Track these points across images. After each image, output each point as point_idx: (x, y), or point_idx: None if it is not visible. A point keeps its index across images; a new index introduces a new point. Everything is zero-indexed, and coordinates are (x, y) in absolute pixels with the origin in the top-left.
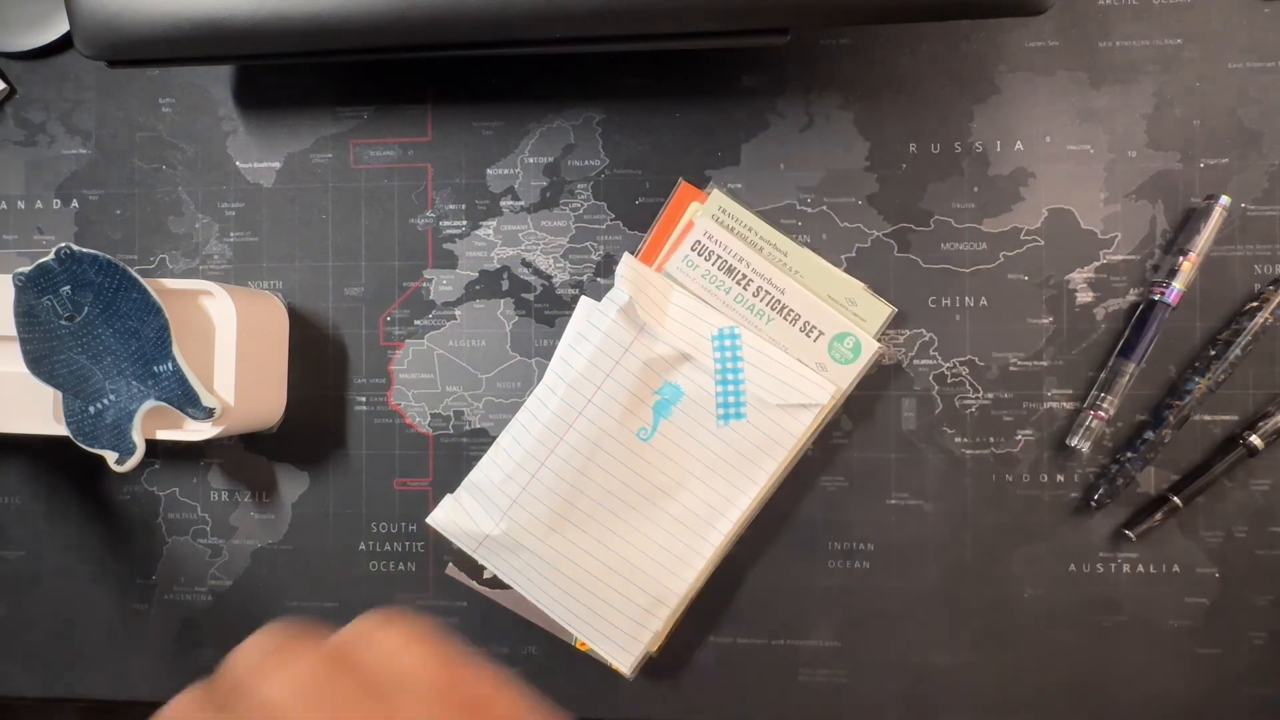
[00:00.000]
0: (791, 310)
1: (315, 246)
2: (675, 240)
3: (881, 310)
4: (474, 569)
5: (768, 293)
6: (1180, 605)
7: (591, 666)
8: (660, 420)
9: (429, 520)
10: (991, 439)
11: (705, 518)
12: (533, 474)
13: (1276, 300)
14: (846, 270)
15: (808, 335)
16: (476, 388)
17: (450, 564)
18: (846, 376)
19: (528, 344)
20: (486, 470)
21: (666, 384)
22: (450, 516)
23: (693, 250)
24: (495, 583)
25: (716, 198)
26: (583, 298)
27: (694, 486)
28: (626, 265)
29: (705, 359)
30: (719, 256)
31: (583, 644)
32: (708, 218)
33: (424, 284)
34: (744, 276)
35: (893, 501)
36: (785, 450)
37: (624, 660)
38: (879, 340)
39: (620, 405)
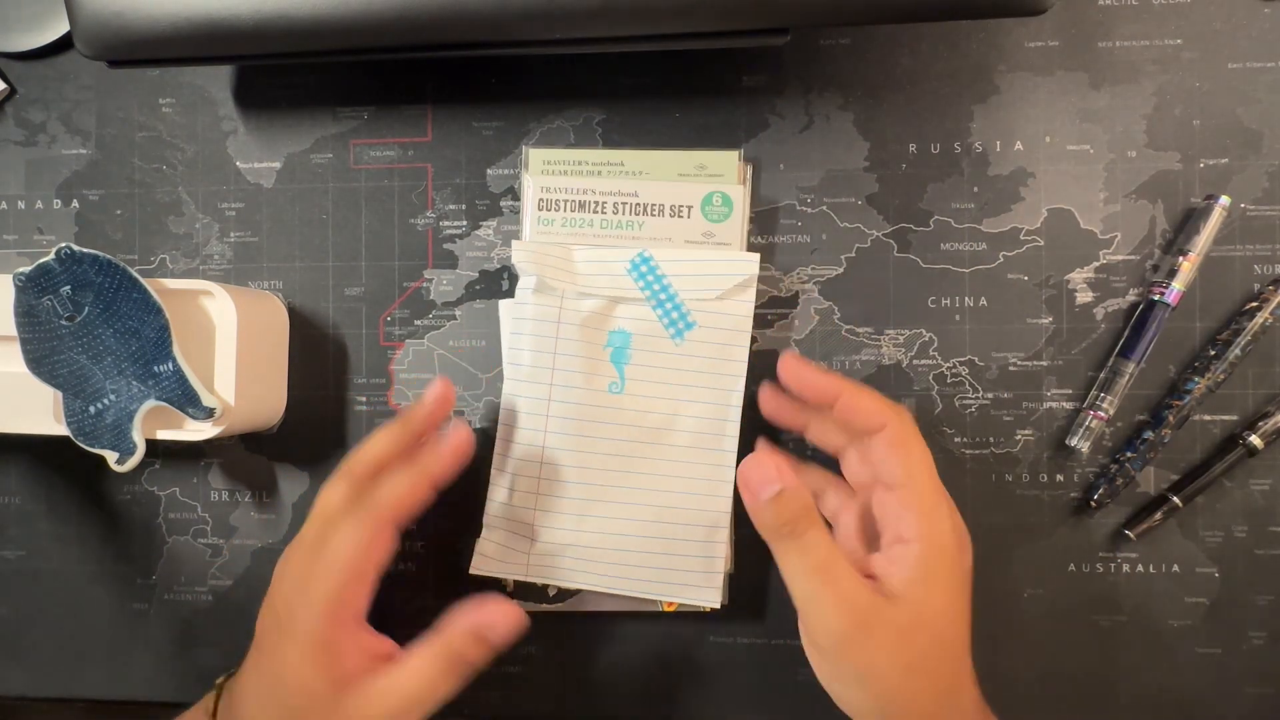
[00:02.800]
0: (653, 205)
1: (315, 246)
2: (525, 213)
3: (729, 156)
4: (538, 594)
5: (624, 203)
6: (1180, 605)
7: (590, 665)
8: (623, 367)
9: (472, 571)
10: (991, 439)
11: (713, 430)
12: (537, 477)
13: (1276, 300)
14: (845, 270)
15: (680, 216)
16: (476, 388)
17: (518, 602)
18: (735, 231)
19: None
20: (496, 498)
21: (611, 334)
22: (489, 559)
23: (539, 209)
24: (561, 595)
25: (533, 155)
26: (500, 302)
27: (686, 409)
28: (518, 250)
29: (633, 293)
30: (565, 201)
31: (669, 605)
32: (537, 175)
33: (424, 284)
34: (597, 204)
35: None
36: (748, 333)
37: (712, 596)
38: (742, 183)
39: (580, 374)
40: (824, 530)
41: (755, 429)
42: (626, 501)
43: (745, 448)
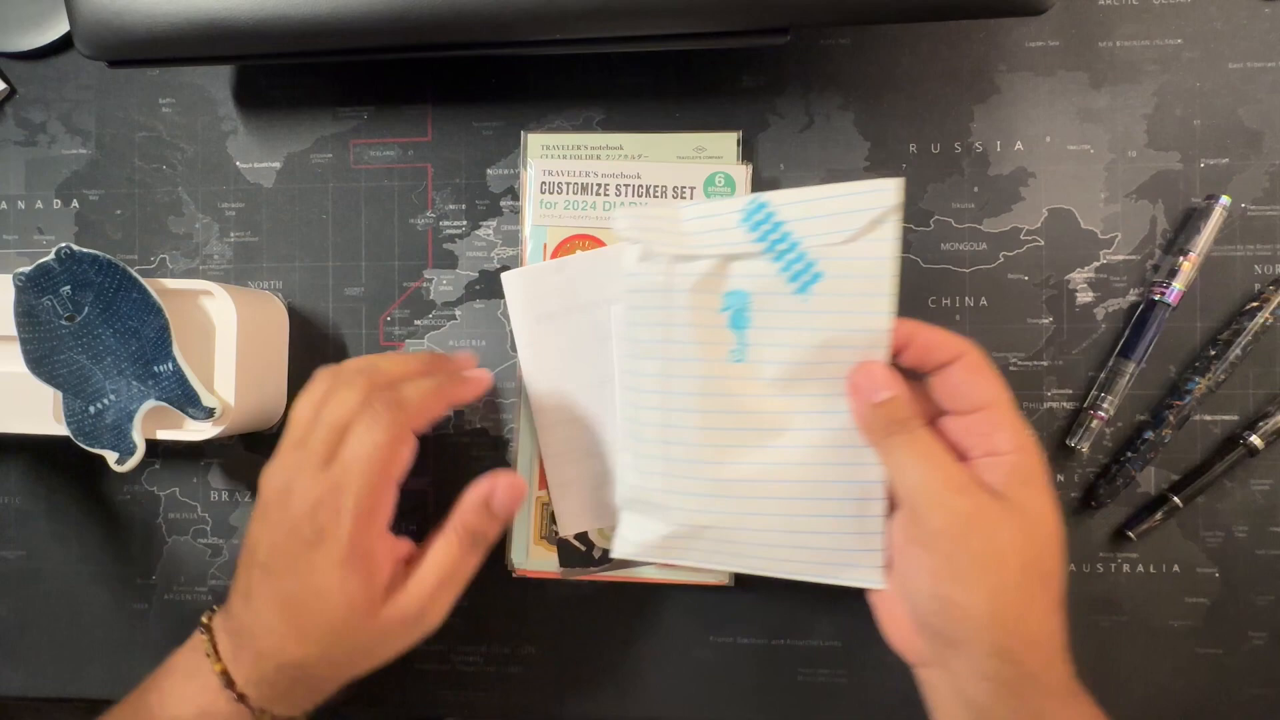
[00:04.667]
0: (656, 187)
1: (315, 246)
2: (527, 198)
3: (728, 138)
4: (585, 559)
5: (626, 185)
6: (1180, 605)
7: (590, 665)
8: (743, 332)
9: (614, 555)
10: None
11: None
12: (664, 457)
13: (1276, 300)
14: None
15: (683, 198)
16: None
17: (563, 569)
18: None
19: None
20: (626, 480)
21: (726, 296)
22: (629, 542)
23: (542, 192)
24: (605, 558)
25: (532, 140)
26: (504, 275)
27: (820, 371)
28: (623, 219)
29: (748, 246)
30: (567, 183)
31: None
32: (537, 159)
33: (424, 284)
34: (599, 185)
35: None
36: (891, 274)
37: (872, 577)
38: (743, 163)
39: (696, 344)
40: (931, 429)
41: None
42: (764, 479)
43: None
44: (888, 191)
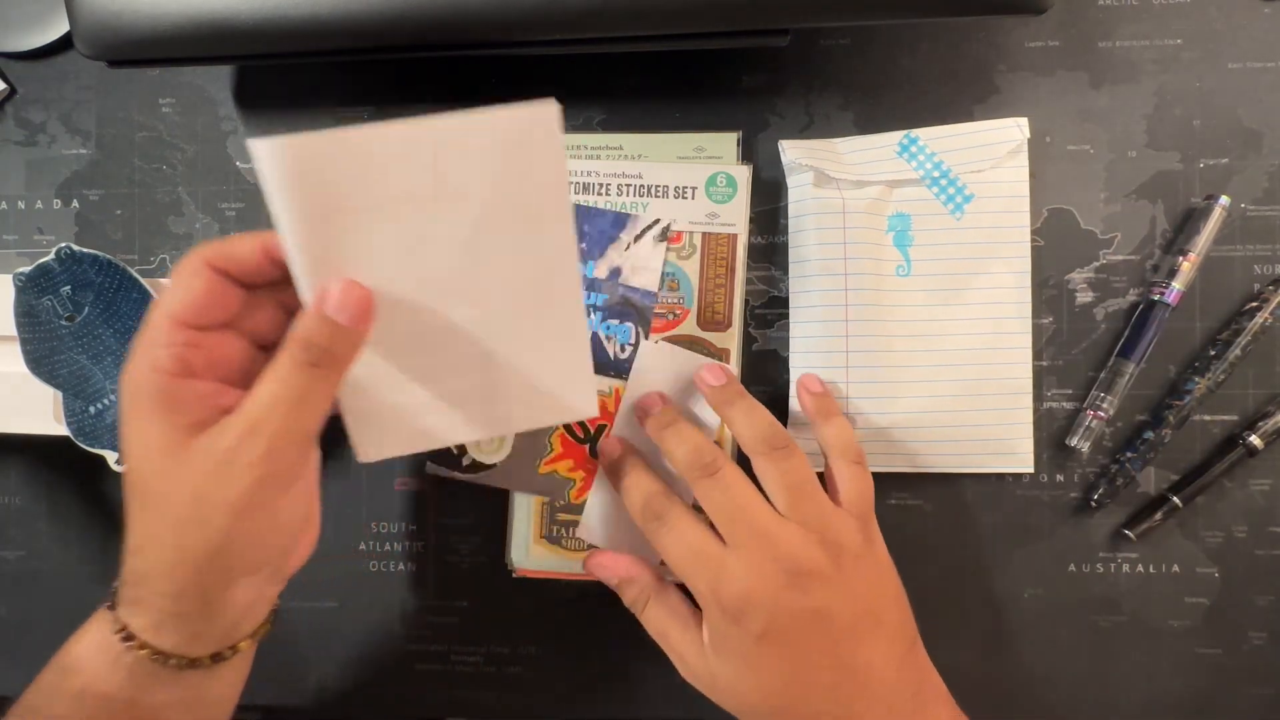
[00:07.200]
0: (657, 187)
1: None
2: None
3: (728, 138)
4: (452, 461)
5: (629, 185)
6: (1180, 605)
7: (590, 665)
8: (906, 250)
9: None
10: None
11: (1004, 299)
12: (845, 366)
13: (1276, 300)
14: None
15: (685, 198)
16: None
17: (429, 462)
18: (740, 212)
19: None
20: None
21: (890, 218)
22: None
23: None
24: (476, 467)
25: None
26: (643, 344)
27: (974, 282)
28: (790, 148)
29: (906, 174)
30: (570, 183)
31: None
32: None
33: None
34: (601, 185)
35: (892, 502)
36: (1026, 197)
37: (1024, 461)
38: (743, 163)
39: (870, 260)
40: (657, 606)
41: None
42: (931, 380)
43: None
44: (1020, 128)
